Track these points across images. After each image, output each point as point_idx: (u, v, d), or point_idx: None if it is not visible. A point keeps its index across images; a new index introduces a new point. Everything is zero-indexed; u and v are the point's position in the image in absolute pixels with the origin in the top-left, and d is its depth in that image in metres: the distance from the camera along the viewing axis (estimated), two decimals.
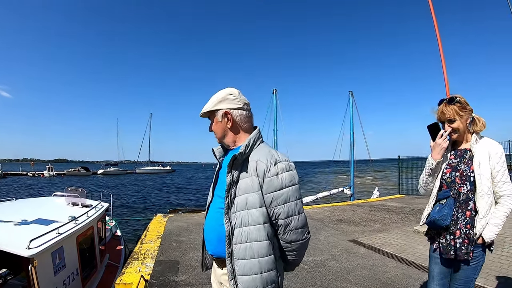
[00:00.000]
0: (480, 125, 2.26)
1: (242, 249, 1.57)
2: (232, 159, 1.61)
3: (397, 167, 15.15)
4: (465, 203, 2.19)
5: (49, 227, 4.62)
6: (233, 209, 1.60)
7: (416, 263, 4.77)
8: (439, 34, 6.91)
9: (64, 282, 4.65)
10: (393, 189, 20.36)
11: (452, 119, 2.24)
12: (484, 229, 2.12)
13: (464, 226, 2.16)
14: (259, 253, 1.57)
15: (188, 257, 5.12)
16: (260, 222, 1.58)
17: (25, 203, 6.86)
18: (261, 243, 1.57)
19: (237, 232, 1.59)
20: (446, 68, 6.79)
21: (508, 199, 2.14)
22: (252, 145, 1.68)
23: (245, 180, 1.61)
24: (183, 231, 6.95)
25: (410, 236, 6.37)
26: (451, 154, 2.36)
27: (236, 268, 1.59)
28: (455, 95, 2.28)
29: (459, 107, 2.22)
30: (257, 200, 1.58)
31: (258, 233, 1.57)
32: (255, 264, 1.57)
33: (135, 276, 4.21)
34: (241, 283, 1.58)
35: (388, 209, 9.63)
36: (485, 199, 2.12)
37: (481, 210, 2.13)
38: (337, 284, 4.08)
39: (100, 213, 6.41)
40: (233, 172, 1.62)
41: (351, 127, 19.82)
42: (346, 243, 6.00)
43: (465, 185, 2.20)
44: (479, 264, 2.19)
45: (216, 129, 1.78)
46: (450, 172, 2.30)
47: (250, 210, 1.58)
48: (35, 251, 3.87)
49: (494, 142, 2.21)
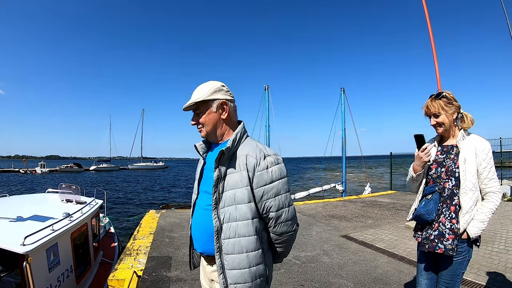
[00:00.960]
0: (468, 121, 2.28)
1: (230, 244, 1.58)
2: (219, 154, 1.59)
3: (389, 164, 15.25)
4: (449, 198, 2.22)
5: (44, 223, 4.58)
6: (221, 204, 1.60)
7: (407, 258, 4.83)
8: (431, 32, 6.96)
9: (59, 279, 4.62)
10: (385, 185, 20.53)
11: (437, 113, 2.26)
12: (468, 225, 2.14)
13: (449, 221, 2.19)
14: (247, 248, 1.58)
15: (181, 253, 5.13)
16: (248, 217, 1.58)
17: (18, 200, 6.79)
18: (249, 238, 1.58)
19: (225, 227, 1.59)
20: (438, 65, 6.85)
21: (494, 196, 2.15)
22: (239, 140, 1.67)
23: (233, 175, 1.60)
24: (176, 227, 6.94)
25: (402, 231, 6.44)
26: (437, 150, 2.38)
27: (225, 263, 1.59)
28: (443, 90, 2.30)
29: (445, 102, 2.24)
30: (245, 195, 1.58)
31: (247, 228, 1.58)
32: (243, 259, 1.57)
33: (127, 272, 4.21)
34: (230, 277, 1.59)
35: (380, 205, 9.72)
36: (469, 195, 2.14)
37: (464, 206, 2.14)
38: (329, 279, 4.12)
39: (94, 210, 6.38)
40: (220, 168, 1.61)
41: (342, 123, 19.92)
42: (338, 238, 6.05)
43: (450, 181, 2.22)
44: (465, 259, 2.20)
45: (208, 120, 1.69)
46: (436, 168, 2.32)
47: (238, 205, 1.58)
48: (30, 247, 3.84)
49: (481, 139, 2.21)
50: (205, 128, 1.71)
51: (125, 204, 22.75)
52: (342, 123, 19.91)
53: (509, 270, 4.17)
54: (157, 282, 4.03)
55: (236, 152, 1.64)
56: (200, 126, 1.71)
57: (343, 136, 19.93)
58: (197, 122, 1.72)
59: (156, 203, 22.48)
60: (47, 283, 4.29)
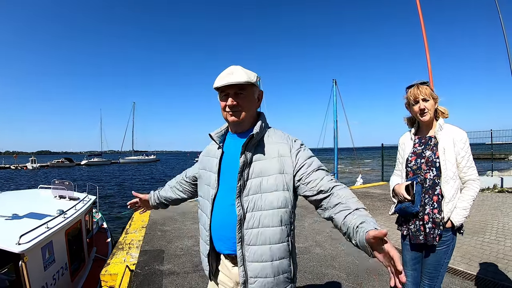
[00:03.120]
0: (447, 112, 2.33)
1: (253, 234, 1.50)
2: (248, 139, 1.51)
3: (380, 155, 15.35)
4: (431, 189, 2.24)
5: (38, 221, 4.53)
6: (245, 192, 1.52)
7: (399, 248, 4.82)
8: (423, 24, 6.97)
9: (54, 277, 4.58)
10: (376, 176, 20.67)
11: (426, 98, 2.25)
12: (451, 213, 2.17)
13: (432, 211, 2.21)
14: (271, 239, 1.50)
15: (173, 246, 5.11)
16: (274, 206, 1.50)
17: (10, 196, 6.72)
18: (274, 229, 1.50)
19: (248, 216, 1.50)
20: (429, 57, 6.87)
21: (474, 183, 2.19)
22: (265, 127, 1.64)
23: (260, 163, 1.54)
24: (168, 220, 6.93)
25: (393, 222, 6.46)
26: (415, 142, 2.40)
27: (246, 254, 1.51)
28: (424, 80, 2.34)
29: (431, 89, 2.28)
30: (273, 183, 1.50)
31: (272, 218, 1.50)
32: (266, 251, 1.49)
33: (120, 267, 4.18)
34: (251, 270, 1.50)
35: (372, 196, 9.80)
36: (450, 183, 2.18)
37: (446, 195, 2.18)
38: (321, 270, 4.14)
39: (87, 206, 6.34)
40: (246, 153, 1.53)
41: (334, 115, 19.90)
42: (331, 230, 6.07)
43: (431, 171, 2.24)
44: (449, 248, 2.23)
45: (250, 105, 1.59)
46: (415, 159, 2.34)
47: (264, 193, 1.51)
48: (25, 246, 3.79)
49: (458, 129, 2.24)
50: (244, 111, 1.58)
51: (117, 198, 22.64)
52: (334, 115, 19.90)
53: (500, 260, 4.22)
54: (150, 275, 4.01)
55: (262, 140, 1.59)
56: (237, 110, 1.57)
57: (335, 128, 19.95)
58: (238, 104, 1.56)
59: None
60: (42, 282, 4.24)
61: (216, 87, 1.56)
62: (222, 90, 1.57)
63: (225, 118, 1.63)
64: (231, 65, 1.62)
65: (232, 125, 1.66)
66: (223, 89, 1.56)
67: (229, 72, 1.55)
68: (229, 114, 1.58)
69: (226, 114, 1.60)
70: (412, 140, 2.42)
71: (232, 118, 1.58)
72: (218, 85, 1.53)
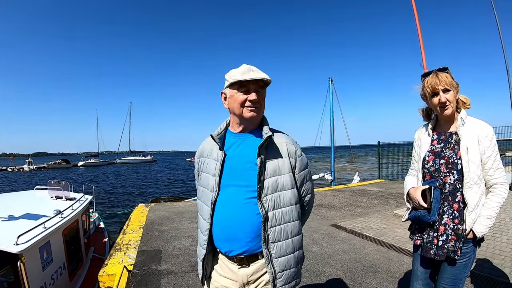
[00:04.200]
0: (468, 102, 1.99)
1: (277, 231, 1.57)
2: (265, 141, 1.54)
3: (377, 152, 15.37)
4: (452, 195, 1.91)
5: (36, 221, 4.53)
6: (264, 192, 1.56)
7: (396, 246, 4.90)
8: (418, 21, 6.98)
9: (52, 277, 4.59)
10: (373, 174, 20.70)
11: (448, 88, 1.88)
12: (474, 223, 1.85)
13: (452, 221, 1.90)
14: (292, 233, 1.61)
15: (171, 246, 5.11)
16: (292, 203, 1.62)
17: (7, 197, 6.71)
18: (293, 223, 1.62)
19: (271, 215, 1.56)
20: (425, 54, 6.89)
21: (501, 187, 1.88)
22: (272, 129, 1.68)
23: (273, 162, 1.59)
24: (165, 220, 6.91)
25: (390, 220, 6.53)
26: (433, 139, 2.07)
27: (272, 251, 1.57)
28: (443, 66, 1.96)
29: (451, 76, 1.91)
30: (288, 181, 1.60)
31: (291, 213, 1.61)
32: (289, 245, 1.60)
33: (118, 267, 4.17)
34: (278, 265, 1.58)
35: (369, 194, 9.82)
36: (474, 189, 1.85)
37: (470, 202, 1.85)
38: (318, 268, 4.15)
39: (84, 206, 6.34)
40: (261, 155, 1.56)
41: (331, 113, 19.90)
42: (327, 227, 6.10)
43: (451, 174, 1.91)
44: (469, 261, 1.92)
45: (264, 103, 1.62)
46: (433, 159, 2.00)
47: (281, 192, 1.58)
48: (24, 246, 3.80)
49: (483, 123, 1.90)
50: (261, 109, 1.61)
51: (114, 198, 22.61)
52: (331, 113, 19.89)
53: (496, 257, 4.25)
54: (147, 276, 4.01)
55: (272, 140, 1.61)
56: (257, 106, 1.57)
57: (332, 126, 19.96)
58: (258, 100, 1.56)
59: (145, 196, 22.39)
60: (41, 282, 4.25)
61: (238, 81, 1.51)
62: (242, 85, 1.53)
63: (240, 114, 1.58)
64: (232, 64, 1.64)
65: (247, 121, 1.61)
66: (244, 83, 1.52)
67: (249, 69, 1.54)
68: (249, 109, 1.56)
69: (244, 110, 1.56)
70: (430, 136, 2.08)
71: (251, 114, 1.56)
72: (244, 78, 1.49)
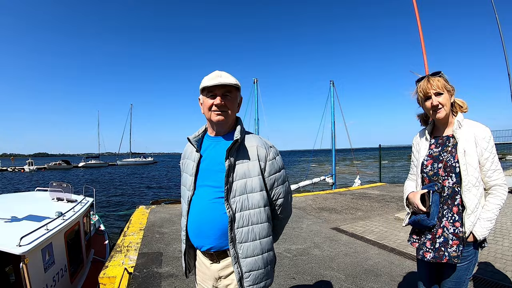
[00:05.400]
0: (465, 106, 2.02)
1: (244, 232, 1.62)
2: (232, 144, 1.61)
3: (378, 156, 15.36)
4: (451, 198, 1.92)
5: (38, 223, 4.53)
6: (232, 194, 1.62)
7: (398, 249, 4.88)
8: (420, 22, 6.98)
9: (54, 278, 4.59)
10: (374, 177, 20.69)
11: (440, 92, 1.92)
12: (474, 226, 1.86)
13: (452, 224, 1.91)
14: (260, 235, 1.65)
15: (172, 248, 5.10)
16: (261, 205, 1.65)
17: (8, 198, 6.72)
18: (262, 225, 1.66)
19: (238, 216, 1.61)
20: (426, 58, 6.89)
21: (500, 189, 1.88)
22: (243, 131, 1.72)
23: (243, 165, 1.64)
24: (166, 222, 6.90)
25: (391, 223, 6.51)
26: (431, 143, 2.09)
27: (239, 252, 1.62)
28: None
29: (445, 80, 1.95)
30: (257, 184, 1.64)
31: (259, 215, 1.65)
32: (257, 246, 1.64)
33: (118, 269, 4.17)
34: (245, 265, 1.62)
35: (370, 197, 9.80)
36: (473, 192, 1.86)
37: (469, 205, 1.86)
38: (320, 272, 4.14)
39: (85, 208, 6.35)
40: (230, 158, 1.62)
41: (332, 116, 19.94)
42: (329, 231, 6.08)
43: (450, 178, 1.92)
44: (471, 264, 1.93)
45: (233, 108, 1.69)
46: (431, 164, 2.03)
47: (250, 194, 1.63)
48: (26, 248, 3.80)
49: (480, 125, 1.92)
50: (228, 113, 1.67)
51: (114, 200, 22.56)
52: (332, 116, 19.96)
53: (498, 260, 4.24)
54: (148, 278, 4.00)
55: (243, 143, 1.68)
56: (224, 110, 1.65)
57: (333, 129, 19.99)
58: (224, 104, 1.64)
59: (145, 198, 22.36)
60: (43, 283, 4.25)
61: (205, 87, 1.64)
62: (209, 91, 1.64)
63: (209, 118, 1.69)
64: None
65: (216, 125, 1.71)
66: (211, 89, 1.63)
67: (218, 75, 1.65)
68: (215, 113, 1.65)
69: (211, 114, 1.66)
70: (427, 140, 2.11)
71: (218, 118, 1.65)
72: (208, 84, 1.61)
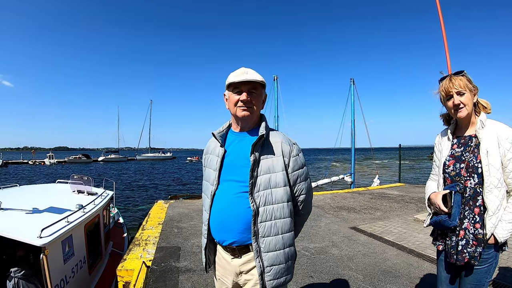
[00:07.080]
0: (489, 107, 1.99)
1: (267, 227, 1.64)
2: (258, 139, 1.64)
3: (398, 156, 15.10)
4: (472, 199, 1.91)
5: (59, 215, 4.63)
6: (256, 188, 1.64)
7: (417, 251, 4.78)
8: (443, 22, 6.82)
9: (73, 270, 4.68)
10: (393, 177, 20.36)
11: (462, 91, 1.91)
12: (496, 227, 1.85)
13: (472, 226, 1.89)
14: (282, 230, 1.67)
15: (190, 243, 5.15)
16: (284, 200, 1.67)
17: (29, 190, 6.88)
18: (284, 220, 1.68)
19: (261, 210, 1.63)
20: (449, 55, 6.72)
21: None
22: (268, 127, 1.74)
23: (267, 161, 1.67)
24: (184, 217, 6.98)
25: (411, 224, 6.38)
26: (453, 143, 2.08)
27: (261, 246, 1.64)
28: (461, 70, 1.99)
29: (467, 79, 1.93)
30: (281, 179, 1.66)
31: (282, 210, 1.67)
32: (279, 240, 1.66)
33: (136, 262, 4.23)
34: (266, 260, 1.64)
35: (389, 197, 9.64)
36: (495, 193, 1.84)
37: (490, 207, 1.84)
38: (338, 271, 4.10)
39: (105, 201, 6.46)
40: (255, 153, 1.65)
41: (352, 115, 19.69)
42: (347, 230, 6.02)
43: (472, 178, 1.90)
44: (491, 267, 1.92)
45: (258, 104, 1.72)
46: (453, 164, 2.01)
47: (274, 189, 1.65)
48: (47, 240, 3.88)
49: (503, 125, 1.90)
50: (253, 109, 1.70)
51: (133, 194, 22.93)
52: (352, 115, 19.70)
53: None
54: (166, 272, 4.05)
55: (268, 139, 1.71)
56: (249, 106, 1.68)
57: (352, 127, 19.75)
58: (250, 100, 1.67)
59: (164, 193, 22.64)
60: (62, 275, 4.34)
61: (231, 83, 1.67)
62: (235, 87, 1.68)
63: (234, 114, 1.72)
64: (245, 65, 1.73)
65: (241, 121, 1.74)
66: (237, 85, 1.67)
67: (244, 71, 1.68)
68: (241, 109, 1.68)
69: (237, 109, 1.69)
70: (450, 140, 2.10)
71: (243, 113, 1.68)
72: (235, 80, 1.64)
